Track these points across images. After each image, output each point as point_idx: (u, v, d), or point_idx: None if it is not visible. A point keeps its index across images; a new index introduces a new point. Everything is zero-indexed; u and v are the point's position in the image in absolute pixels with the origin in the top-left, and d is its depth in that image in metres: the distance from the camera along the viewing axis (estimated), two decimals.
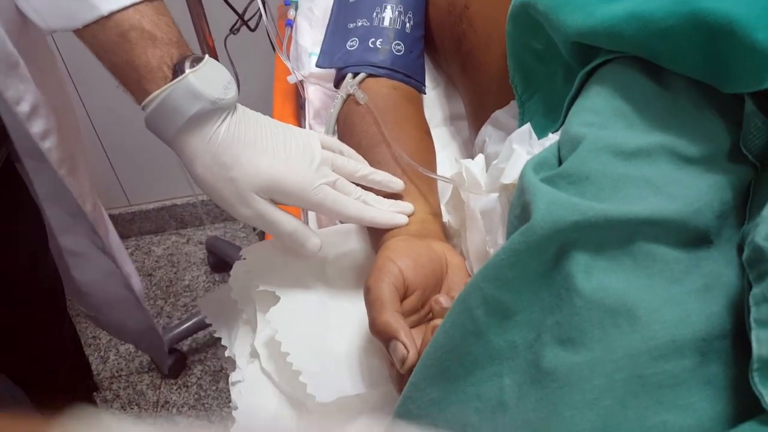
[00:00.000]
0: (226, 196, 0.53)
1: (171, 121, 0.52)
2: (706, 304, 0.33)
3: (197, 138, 0.52)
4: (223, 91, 0.52)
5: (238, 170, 0.52)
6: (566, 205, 0.35)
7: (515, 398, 0.35)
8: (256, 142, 0.54)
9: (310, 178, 0.54)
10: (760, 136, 0.36)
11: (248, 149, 0.53)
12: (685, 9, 0.38)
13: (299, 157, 0.55)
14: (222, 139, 0.53)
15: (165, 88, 0.51)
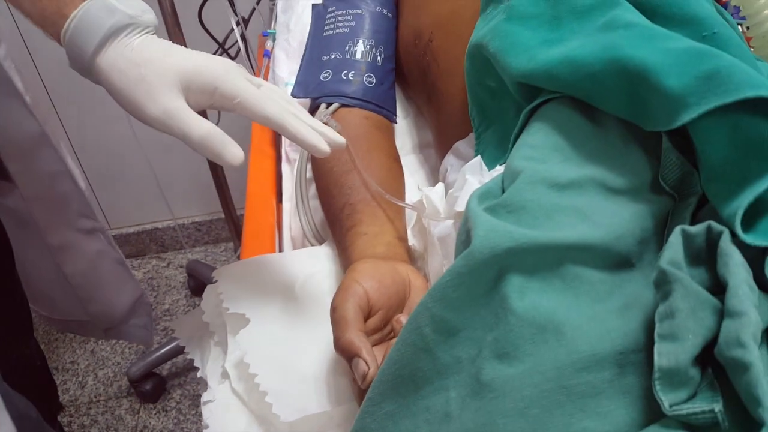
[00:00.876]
0: (135, 96, 0.52)
1: (89, 38, 0.53)
2: (625, 321, 0.37)
3: (113, 50, 0.53)
4: (141, 13, 0.54)
5: (148, 66, 0.52)
6: (502, 232, 0.39)
7: (459, 409, 0.39)
8: (171, 47, 0.55)
9: (230, 67, 0.54)
10: (674, 170, 0.41)
11: (162, 50, 0.54)
12: (610, 55, 0.42)
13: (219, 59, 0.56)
14: (137, 44, 0.54)
15: (83, 5, 0.53)
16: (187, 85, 0.53)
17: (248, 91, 0.53)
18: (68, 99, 1.61)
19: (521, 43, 0.50)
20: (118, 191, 1.81)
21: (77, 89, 0.61)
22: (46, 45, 0.59)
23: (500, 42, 0.52)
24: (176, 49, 0.55)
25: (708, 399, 0.31)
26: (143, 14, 0.55)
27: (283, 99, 0.56)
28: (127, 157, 1.69)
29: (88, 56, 0.53)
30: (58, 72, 0.93)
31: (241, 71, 0.55)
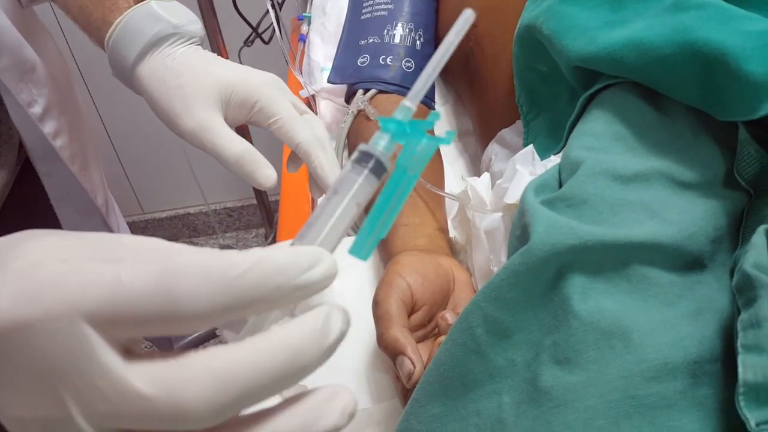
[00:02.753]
0: (171, 107, 0.50)
1: (132, 45, 0.51)
2: (698, 328, 0.34)
3: (155, 59, 0.52)
4: (186, 23, 0.53)
5: (187, 76, 0.50)
6: (564, 228, 0.36)
7: (513, 416, 0.36)
8: (214, 59, 0.53)
9: (273, 83, 0.52)
10: (752, 164, 0.37)
11: (204, 61, 0.52)
12: (682, 38, 0.39)
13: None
14: (179, 54, 0.52)
15: (127, 12, 0.52)
16: (227, 99, 0.51)
17: (289, 114, 0.51)
18: (105, 87, 1.62)
19: (579, 25, 0.47)
20: (151, 176, 1.82)
21: (114, 79, 0.60)
22: (80, 35, 0.58)
23: (555, 23, 0.49)
24: (219, 60, 0.53)
25: None
26: (189, 24, 0.53)
27: (322, 133, 0.53)
28: (160, 142, 1.70)
29: (129, 64, 0.52)
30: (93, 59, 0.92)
31: (286, 91, 0.53)
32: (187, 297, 0.22)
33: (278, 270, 0.23)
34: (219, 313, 0.22)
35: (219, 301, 0.22)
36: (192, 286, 0.22)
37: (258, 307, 0.23)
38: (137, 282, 0.22)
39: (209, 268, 0.22)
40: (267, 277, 0.23)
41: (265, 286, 0.23)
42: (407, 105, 0.29)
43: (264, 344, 0.23)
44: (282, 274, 0.23)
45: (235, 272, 0.22)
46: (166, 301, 0.22)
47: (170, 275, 0.22)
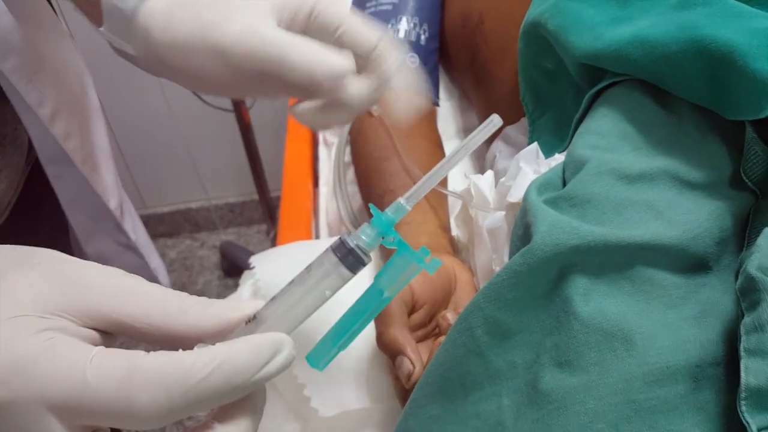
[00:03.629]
0: (202, 20, 0.38)
1: None
2: (702, 331, 0.33)
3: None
4: None
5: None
6: (567, 228, 0.35)
7: (513, 419, 0.36)
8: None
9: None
10: (759, 164, 0.37)
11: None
12: (688, 35, 0.38)
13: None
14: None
15: None
16: (281, 9, 0.39)
17: (354, 20, 0.40)
18: (108, 81, 1.61)
19: (585, 21, 0.46)
20: (153, 171, 1.82)
21: (118, 72, 0.57)
22: (84, 24, 0.57)
23: (561, 19, 0.48)
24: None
25: None
26: None
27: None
28: (163, 137, 1.70)
29: (131, 5, 0.40)
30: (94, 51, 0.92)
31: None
32: (145, 404, 0.24)
33: (238, 371, 0.25)
34: (176, 414, 0.24)
35: (176, 405, 0.24)
36: (151, 396, 0.24)
37: (214, 403, 0.26)
38: (101, 385, 0.24)
39: (169, 378, 0.24)
40: (226, 380, 0.25)
41: (223, 387, 0.25)
42: (402, 204, 0.28)
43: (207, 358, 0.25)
44: (241, 374, 0.25)
45: (195, 379, 0.24)
46: (126, 406, 0.24)
47: (131, 383, 0.24)
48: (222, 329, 0.27)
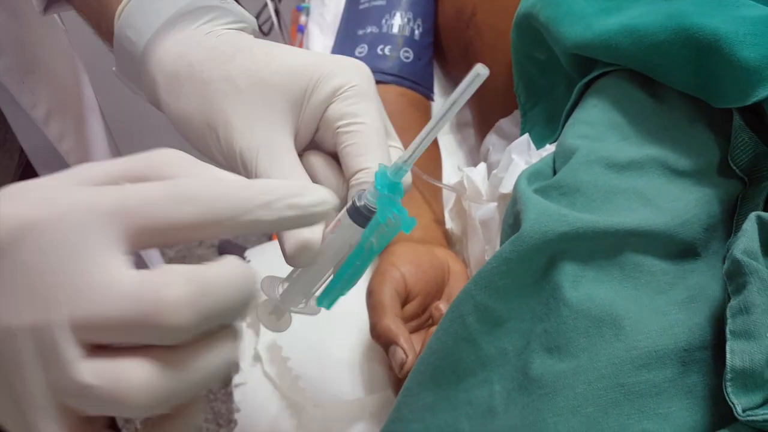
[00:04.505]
0: (211, 111, 0.33)
1: (156, 13, 0.35)
2: (690, 316, 0.33)
3: (187, 34, 0.35)
4: (233, 4, 0.38)
5: (241, 60, 0.33)
6: (555, 216, 0.36)
7: (504, 404, 0.36)
8: (275, 45, 0.36)
9: (365, 73, 0.35)
10: (746, 151, 0.37)
11: (264, 43, 0.35)
12: (675, 24, 0.39)
13: None
14: (226, 33, 0.35)
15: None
16: (302, 97, 0.33)
17: (375, 124, 0.33)
18: (107, 83, 1.61)
19: (576, 12, 0.46)
20: None
21: (111, 63, 0.57)
22: (79, 20, 0.56)
23: (552, 10, 0.49)
24: (280, 45, 0.36)
25: None
26: (238, 6, 0.38)
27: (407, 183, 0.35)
28: (161, 136, 1.70)
29: (144, 41, 0.35)
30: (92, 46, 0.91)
31: (373, 90, 0.35)
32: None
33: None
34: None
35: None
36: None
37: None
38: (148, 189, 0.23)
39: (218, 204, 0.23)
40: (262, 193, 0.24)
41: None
42: (400, 165, 0.29)
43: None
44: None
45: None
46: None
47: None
48: None
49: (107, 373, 0.22)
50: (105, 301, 0.21)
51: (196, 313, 0.22)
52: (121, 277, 0.22)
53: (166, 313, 0.21)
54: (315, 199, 0.25)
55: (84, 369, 0.22)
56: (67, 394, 0.22)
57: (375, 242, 0.30)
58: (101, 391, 0.22)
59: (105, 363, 0.22)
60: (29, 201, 0.22)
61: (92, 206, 0.22)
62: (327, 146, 0.34)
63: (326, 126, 0.33)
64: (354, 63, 0.34)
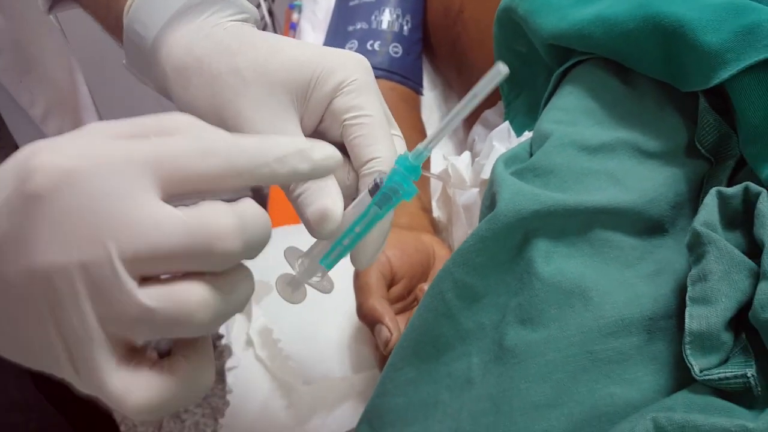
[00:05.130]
0: (221, 102, 0.35)
1: (163, 7, 0.37)
2: (655, 287, 0.35)
3: (194, 27, 0.36)
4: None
5: (247, 54, 0.35)
6: (528, 195, 0.37)
7: (481, 375, 0.38)
8: (281, 38, 0.37)
9: (365, 66, 0.36)
10: (711, 132, 0.39)
11: (266, 37, 0.36)
12: (644, 13, 0.40)
13: None
14: (231, 26, 0.37)
15: None
16: (305, 90, 0.35)
17: (379, 116, 0.35)
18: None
19: (552, 4, 0.48)
20: None
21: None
22: (73, 19, 0.56)
23: (530, 4, 0.50)
24: (286, 38, 0.37)
25: (741, 364, 0.30)
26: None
27: None
28: None
29: (153, 34, 0.37)
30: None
31: (373, 82, 0.36)
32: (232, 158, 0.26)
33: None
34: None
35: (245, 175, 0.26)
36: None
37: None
38: (177, 142, 0.25)
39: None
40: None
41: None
42: (421, 150, 0.31)
43: None
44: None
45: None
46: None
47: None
48: None
49: (167, 296, 0.24)
50: (157, 234, 0.23)
51: (242, 241, 0.24)
52: (169, 212, 0.24)
53: (219, 241, 0.24)
54: (324, 154, 0.28)
55: (144, 295, 0.24)
56: (124, 322, 0.24)
57: (379, 209, 0.32)
58: (165, 313, 0.24)
59: (162, 288, 0.24)
60: (66, 152, 0.24)
61: (128, 156, 0.24)
62: (331, 136, 0.36)
63: (332, 118, 0.35)
64: (355, 57, 0.36)
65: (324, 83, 0.34)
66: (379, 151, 0.34)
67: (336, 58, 0.35)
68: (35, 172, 0.23)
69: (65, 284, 0.23)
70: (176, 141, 0.25)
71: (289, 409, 0.52)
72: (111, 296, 0.24)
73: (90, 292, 0.24)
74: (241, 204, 0.25)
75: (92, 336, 0.24)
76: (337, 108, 0.35)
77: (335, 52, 0.36)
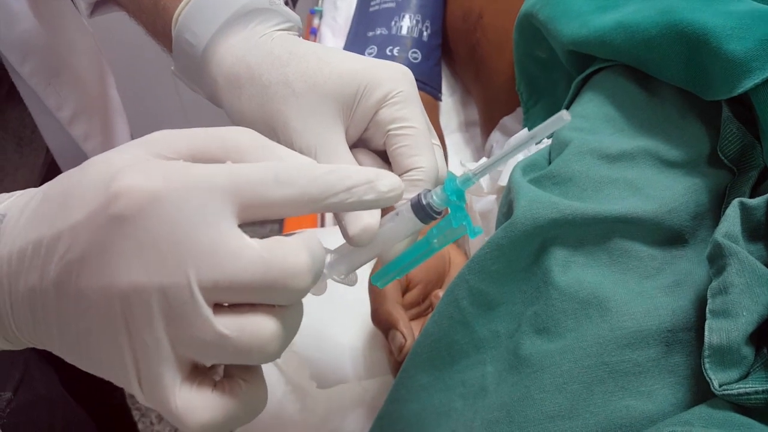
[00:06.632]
0: (271, 112, 0.35)
1: (210, 17, 0.38)
2: (675, 299, 0.35)
3: (243, 37, 0.37)
4: (281, 4, 0.40)
5: (297, 65, 0.36)
6: (546, 203, 0.37)
7: (495, 384, 0.37)
8: (329, 48, 0.38)
9: (410, 78, 0.37)
10: (735, 142, 0.38)
11: (314, 49, 0.37)
12: (667, 20, 0.40)
13: None
14: (278, 36, 0.38)
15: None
16: (352, 101, 0.36)
17: (422, 127, 0.35)
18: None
19: (573, 10, 0.48)
20: None
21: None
22: (104, 23, 0.56)
23: (551, 9, 0.50)
24: (333, 49, 0.38)
25: (762, 379, 0.29)
26: (285, 7, 0.40)
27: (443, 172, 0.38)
28: None
29: (204, 43, 0.38)
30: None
31: (416, 94, 0.37)
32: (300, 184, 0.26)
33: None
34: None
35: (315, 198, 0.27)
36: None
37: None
38: (255, 170, 0.26)
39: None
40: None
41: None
42: (470, 176, 0.32)
43: None
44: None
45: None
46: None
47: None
48: None
49: (242, 327, 0.25)
50: (236, 266, 0.24)
51: (313, 277, 0.26)
52: (248, 245, 0.25)
53: (294, 278, 0.25)
54: (389, 185, 0.29)
55: (220, 322, 0.25)
56: (196, 346, 0.25)
57: (437, 242, 0.33)
58: (239, 342, 0.25)
59: (237, 318, 0.25)
60: (151, 174, 0.25)
61: (210, 183, 0.25)
62: (374, 144, 0.37)
63: (377, 128, 0.36)
64: (401, 69, 0.36)
65: (370, 95, 0.35)
66: (421, 162, 0.35)
67: (382, 71, 0.36)
68: (121, 194, 0.24)
69: (142, 304, 0.24)
70: (253, 169, 0.26)
71: (303, 414, 0.52)
72: (187, 320, 0.25)
73: (166, 313, 0.25)
74: (309, 239, 0.26)
75: (162, 355, 0.25)
76: (382, 118, 0.36)
77: (381, 64, 0.36)
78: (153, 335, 0.25)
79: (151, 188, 0.24)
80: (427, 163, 0.35)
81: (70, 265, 0.25)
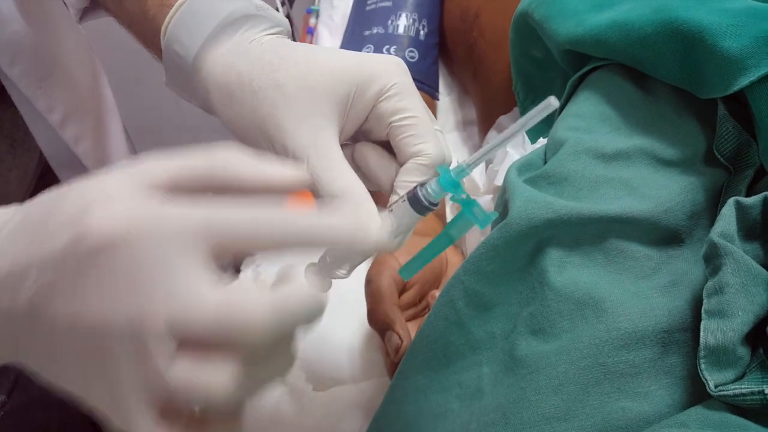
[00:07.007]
0: (263, 116, 0.35)
1: (199, 26, 0.37)
2: (671, 299, 0.34)
3: (233, 44, 0.37)
4: (268, 8, 0.40)
5: (288, 69, 0.35)
6: (541, 203, 0.37)
7: (491, 385, 0.37)
8: (317, 48, 0.38)
9: (404, 69, 0.36)
10: (730, 140, 0.38)
11: (303, 50, 0.37)
12: (662, 18, 0.40)
13: None
14: (267, 41, 0.38)
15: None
16: (347, 98, 0.36)
17: (423, 116, 0.36)
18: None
19: (569, 9, 0.48)
20: None
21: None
22: (97, 23, 0.56)
23: (547, 8, 0.50)
24: (321, 48, 0.39)
25: (758, 380, 0.29)
26: (271, 9, 0.40)
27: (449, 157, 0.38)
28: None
29: (193, 53, 0.38)
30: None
31: (412, 83, 0.37)
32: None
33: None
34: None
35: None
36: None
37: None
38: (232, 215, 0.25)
39: None
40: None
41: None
42: (464, 167, 0.32)
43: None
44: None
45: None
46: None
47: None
48: None
49: (193, 377, 0.24)
50: (187, 316, 0.24)
51: (274, 332, 0.24)
52: (209, 296, 0.24)
53: (250, 332, 0.24)
54: (378, 238, 0.28)
55: (172, 373, 0.24)
56: (155, 390, 0.24)
57: (455, 233, 0.34)
58: (189, 393, 0.24)
59: (191, 367, 0.24)
60: (116, 213, 0.24)
61: (181, 226, 0.24)
62: (375, 136, 0.37)
63: (377, 120, 0.36)
64: (393, 61, 0.36)
65: (365, 91, 0.35)
66: (428, 149, 0.35)
67: (375, 65, 0.36)
68: (89, 234, 0.24)
69: (105, 341, 0.24)
70: (230, 211, 0.25)
71: (300, 415, 0.52)
72: (144, 365, 0.24)
73: (127, 354, 0.24)
74: (282, 289, 0.25)
75: (129, 393, 0.25)
76: (382, 111, 0.36)
77: (373, 57, 0.36)
78: (117, 374, 0.25)
79: (117, 228, 0.24)
80: (433, 149, 0.36)
81: (41, 293, 0.25)
